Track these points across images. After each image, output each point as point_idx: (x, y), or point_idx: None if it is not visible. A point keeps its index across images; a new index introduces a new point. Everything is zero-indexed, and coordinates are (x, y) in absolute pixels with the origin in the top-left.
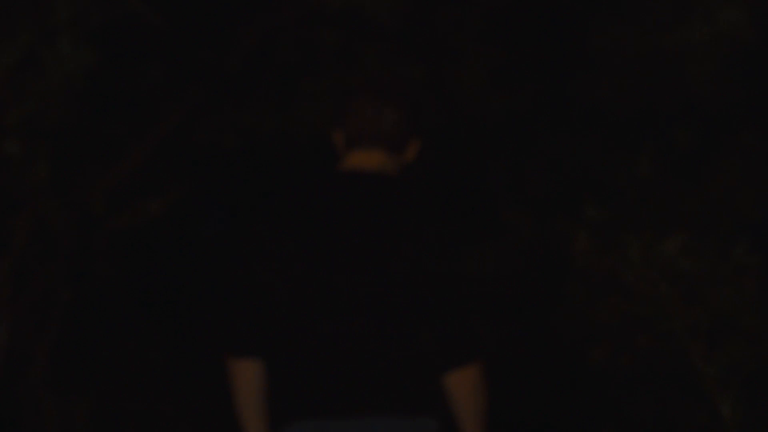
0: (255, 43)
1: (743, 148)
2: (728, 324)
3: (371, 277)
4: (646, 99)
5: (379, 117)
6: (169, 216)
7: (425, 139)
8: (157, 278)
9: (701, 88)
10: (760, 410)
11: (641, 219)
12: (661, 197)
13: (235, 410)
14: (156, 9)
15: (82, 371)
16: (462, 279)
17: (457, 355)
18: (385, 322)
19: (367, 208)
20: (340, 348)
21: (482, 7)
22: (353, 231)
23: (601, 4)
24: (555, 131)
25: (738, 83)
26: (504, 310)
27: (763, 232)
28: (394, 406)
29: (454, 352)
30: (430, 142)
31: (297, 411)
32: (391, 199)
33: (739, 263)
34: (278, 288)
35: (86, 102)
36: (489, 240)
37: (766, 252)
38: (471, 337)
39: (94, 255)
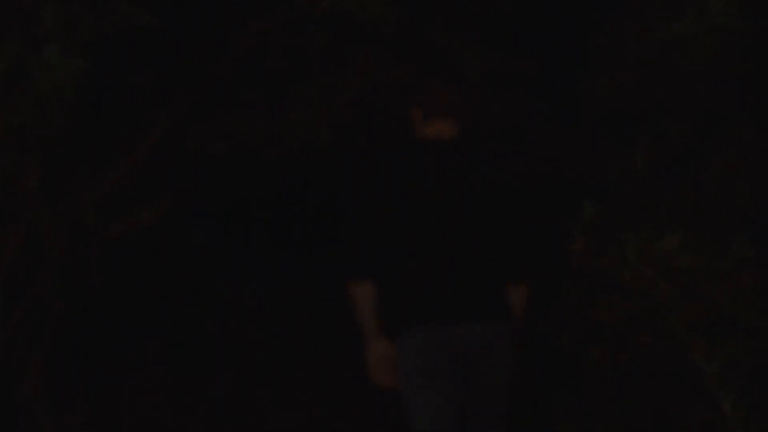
0: (244, 49)
1: (739, 142)
2: (728, 320)
3: (462, 216)
4: (641, 94)
5: (452, 95)
6: (161, 224)
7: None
8: (149, 286)
9: (695, 82)
10: (762, 407)
11: (638, 216)
12: (657, 193)
13: (358, 319)
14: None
15: (76, 381)
16: (528, 219)
17: (520, 275)
18: (475, 249)
19: (452, 166)
20: (441, 270)
21: (475, 8)
22: (444, 184)
23: (595, 1)
24: (550, 128)
25: (732, 76)
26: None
27: (761, 225)
28: (484, 312)
29: (519, 272)
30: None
31: (411, 320)
32: (469, 158)
33: (738, 258)
34: (391, 228)
35: (75, 111)
36: None
37: (765, 246)
38: (530, 264)
39: (85, 264)
